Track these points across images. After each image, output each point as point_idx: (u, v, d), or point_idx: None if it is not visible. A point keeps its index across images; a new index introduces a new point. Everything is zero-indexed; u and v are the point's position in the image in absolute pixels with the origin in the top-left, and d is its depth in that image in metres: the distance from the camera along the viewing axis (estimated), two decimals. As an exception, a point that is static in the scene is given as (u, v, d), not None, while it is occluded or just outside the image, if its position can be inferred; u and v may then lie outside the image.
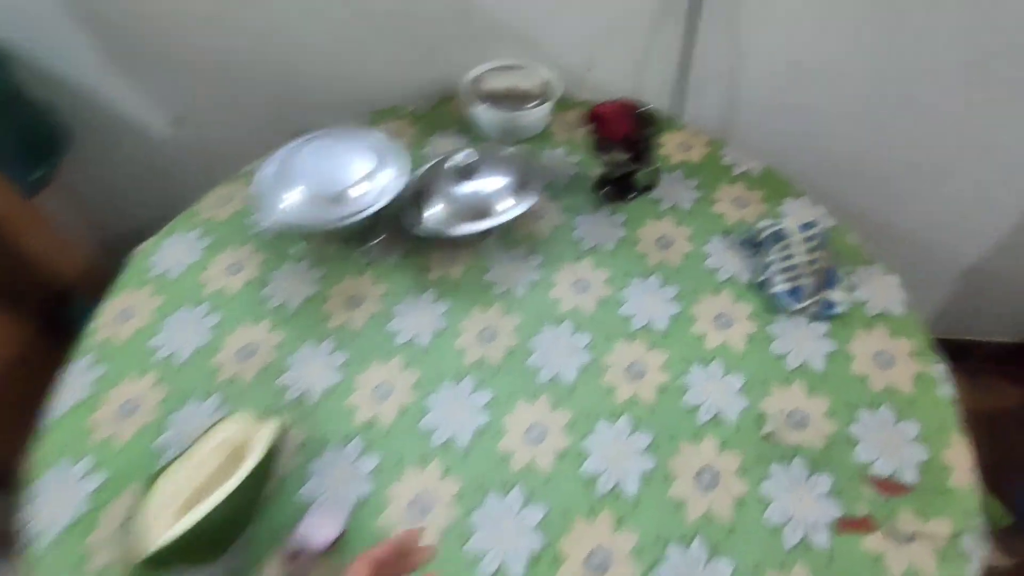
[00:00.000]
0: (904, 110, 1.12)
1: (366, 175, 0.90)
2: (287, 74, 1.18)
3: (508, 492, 0.69)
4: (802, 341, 0.80)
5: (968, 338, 1.59)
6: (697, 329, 0.82)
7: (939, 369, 0.78)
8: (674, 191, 0.98)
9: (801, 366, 0.78)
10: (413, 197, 0.92)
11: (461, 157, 0.89)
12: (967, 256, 1.36)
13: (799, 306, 0.82)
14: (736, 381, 0.77)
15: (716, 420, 0.74)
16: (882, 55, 1.05)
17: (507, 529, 0.67)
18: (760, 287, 0.86)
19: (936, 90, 1.08)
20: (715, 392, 0.76)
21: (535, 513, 0.68)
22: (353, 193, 0.88)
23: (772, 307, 0.84)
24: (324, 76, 1.18)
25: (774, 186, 0.99)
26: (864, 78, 1.09)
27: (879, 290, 0.85)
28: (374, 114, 1.14)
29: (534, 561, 0.65)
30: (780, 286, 0.84)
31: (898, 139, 1.17)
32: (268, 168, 0.91)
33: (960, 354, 1.62)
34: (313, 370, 0.79)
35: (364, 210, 0.87)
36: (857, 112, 1.14)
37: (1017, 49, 1.00)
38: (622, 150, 0.89)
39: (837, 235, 0.91)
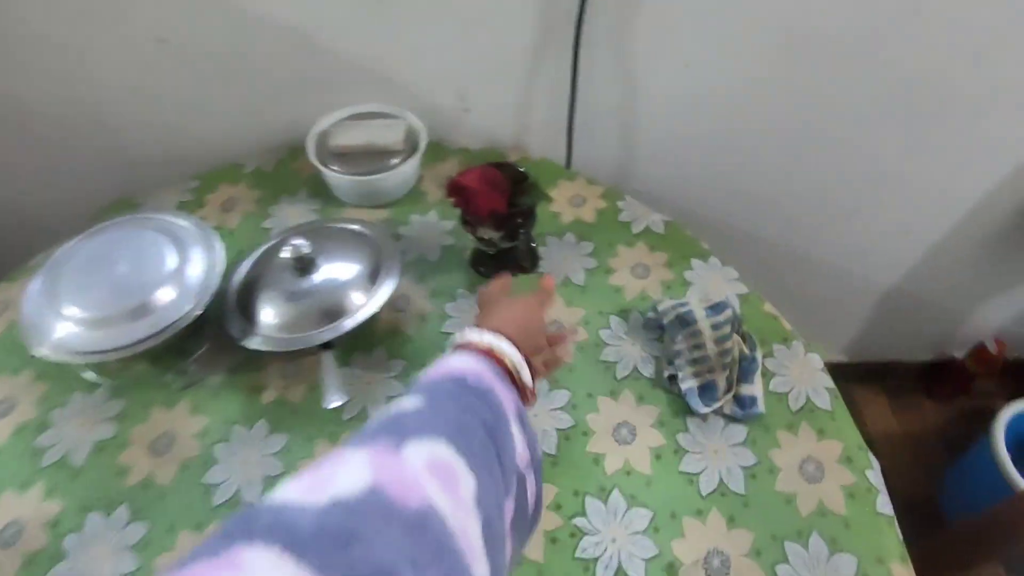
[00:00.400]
0: (815, 143, 1.02)
1: (172, 275, 0.71)
2: (103, 129, 0.96)
3: None
4: (718, 454, 0.67)
5: (889, 359, 1.55)
6: (594, 448, 0.67)
7: (874, 474, 0.66)
8: (564, 261, 0.84)
9: (718, 488, 0.65)
10: (242, 297, 0.74)
11: (298, 245, 0.72)
12: (883, 281, 1.30)
13: (711, 408, 0.69)
14: (641, 519, 0.63)
15: (619, 578, 0.59)
16: (790, 88, 0.93)
17: None
18: (668, 382, 0.72)
19: (846, 123, 0.97)
20: (616, 536, 0.61)
21: None
22: (158, 301, 0.69)
23: (681, 407, 0.70)
24: (146, 128, 0.97)
25: (679, 246, 0.86)
26: (772, 111, 0.97)
27: (801, 375, 0.73)
28: (206, 176, 0.94)
29: None
30: (689, 382, 0.71)
31: (809, 172, 1.07)
32: (40, 278, 0.71)
33: (882, 374, 1.59)
34: (98, 555, 0.60)
35: (172, 324, 0.69)
36: (767, 145, 1.03)
37: (926, 83, 0.91)
38: (491, 227, 0.74)
39: (751, 306, 0.79)
